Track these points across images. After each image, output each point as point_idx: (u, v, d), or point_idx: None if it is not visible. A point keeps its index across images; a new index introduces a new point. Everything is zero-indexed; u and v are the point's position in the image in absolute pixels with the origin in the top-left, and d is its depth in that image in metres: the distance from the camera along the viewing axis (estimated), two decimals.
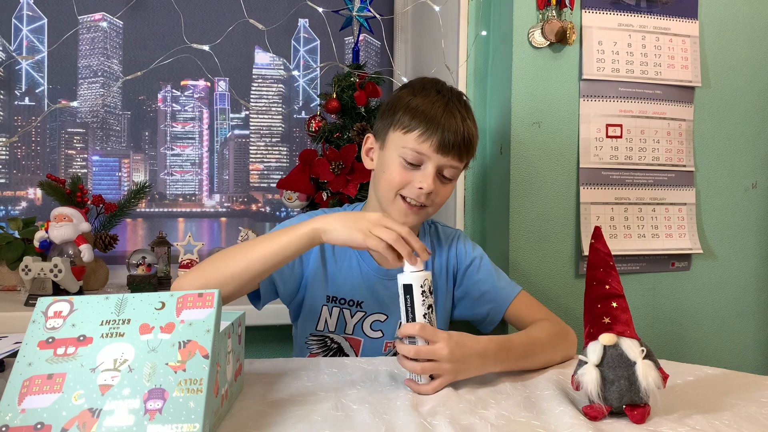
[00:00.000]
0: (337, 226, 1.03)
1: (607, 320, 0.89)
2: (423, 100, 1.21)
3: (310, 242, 1.04)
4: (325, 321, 1.28)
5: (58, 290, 1.53)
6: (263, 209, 2.21)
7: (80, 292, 1.58)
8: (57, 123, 2.05)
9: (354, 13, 1.79)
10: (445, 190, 1.23)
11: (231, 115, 2.19)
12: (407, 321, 0.98)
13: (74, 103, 2.02)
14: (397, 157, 1.20)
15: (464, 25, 1.77)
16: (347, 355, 1.30)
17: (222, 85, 2.15)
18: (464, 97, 1.27)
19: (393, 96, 1.28)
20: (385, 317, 1.29)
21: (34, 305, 0.81)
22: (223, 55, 1.87)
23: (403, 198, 1.21)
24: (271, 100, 2.18)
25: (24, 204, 2.01)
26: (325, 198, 1.73)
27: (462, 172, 1.29)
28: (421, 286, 0.98)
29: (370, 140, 1.30)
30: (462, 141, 1.19)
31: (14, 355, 0.76)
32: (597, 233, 0.98)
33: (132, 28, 2.04)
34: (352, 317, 1.28)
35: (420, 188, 1.18)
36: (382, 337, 1.30)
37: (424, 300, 0.98)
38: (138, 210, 1.95)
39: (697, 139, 1.75)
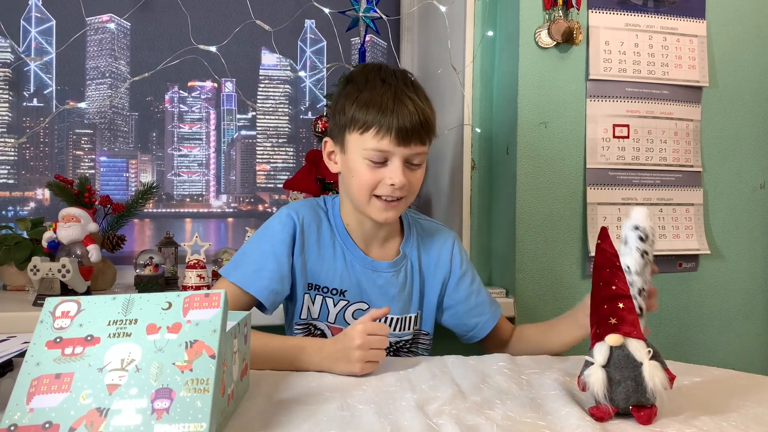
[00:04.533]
0: (333, 368, 1.06)
1: (613, 321, 0.88)
2: (370, 93, 1.18)
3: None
4: (308, 309, 1.28)
5: (66, 290, 1.54)
6: (270, 210, 2.21)
7: (88, 293, 1.59)
8: (65, 124, 2.07)
9: (360, 14, 1.79)
10: (416, 177, 1.22)
11: (238, 116, 2.20)
12: None
13: (82, 104, 2.03)
14: (361, 159, 1.19)
15: (470, 26, 1.76)
16: None
17: (229, 86, 2.16)
18: (410, 77, 1.25)
19: (340, 94, 1.26)
20: (367, 307, 1.28)
21: (42, 305, 0.82)
22: (230, 56, 1.88)
23: (378, 196, 1.20)
24: (277, 101, 2.19)
25: (32, 204, 2.02)
26: None
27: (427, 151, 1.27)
28: None
29: (329, 144, 1.28)
30: (420, 125, 1.17)
31: (22, 354, 0.77)
32: (603, 234, 0.98)
33: (139, 29, 2.05)
34: (335, 306, 1.27)
35: (392, 184, 1.17)
36: None
37: None
38: (145, 210, 1.96)
39: (705, 139, 1.74)
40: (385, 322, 1.29)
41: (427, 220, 1.40)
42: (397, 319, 1.30)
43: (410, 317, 1.32)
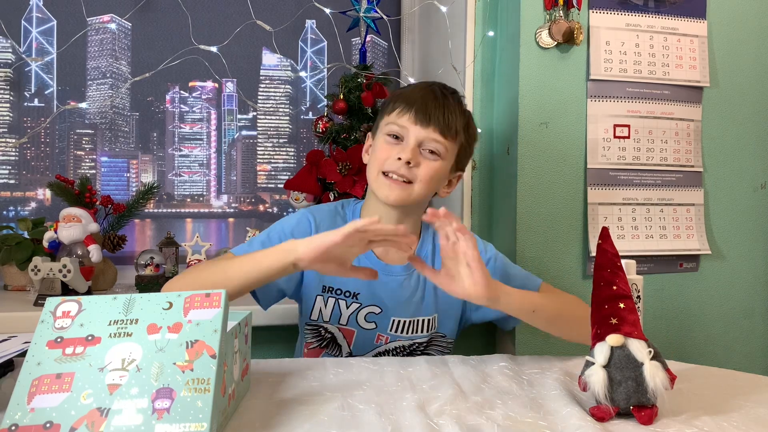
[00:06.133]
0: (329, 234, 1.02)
1: (614, 321, 0.88)
2: (410, 89, 1.30)
3: (284, 261, 1.04)
4: (320, 310, 1.29)
5: (67, 290, 1.54)
6: (271, 210, 2.21)
7: (89, 293, 1.59)
8: (66, 124, 2.07)
9: (361, 14, 1.79)
10: (428, 166, 1.23)
11: (238, 116, 2.20)
12: None
13: (83, 105, 2.03)
14: (382, 136, 1.26)
15: (471, 26, 1.76)
16: (340, 346, 1.31)
17: (229, 86, 2.16)
18: (451, 90, 1.31)
19: None
20: (380, 310, 1.29)
21: (43, 305, 0.82)
22: (231, 56, 1.88)
23: (386, 174, 1.23)
24: (278, 101, 2.19)
25: (33, 205, 2.03)
26: (332, 199, 1.73)
27: (451, 158, 1.27)
28: None
29: (369, 139, 1.35)
30: (441, 115, 1.23)
31: (23, 354, 0.77)
32: (604, 234, 0.98)
33: (140, 29, 2.05)
34: (347, 308, 1.28)
35: (399, 158, 1.20)
36: (375, 329, 1.30)
37: None
38: (146, 210, 1.96)
39: (706, 139, 1.74)
40: (398, 325, 1.30)
41: None
42: (409, 321, 1.31)
43: (424, 320, 1.32)
